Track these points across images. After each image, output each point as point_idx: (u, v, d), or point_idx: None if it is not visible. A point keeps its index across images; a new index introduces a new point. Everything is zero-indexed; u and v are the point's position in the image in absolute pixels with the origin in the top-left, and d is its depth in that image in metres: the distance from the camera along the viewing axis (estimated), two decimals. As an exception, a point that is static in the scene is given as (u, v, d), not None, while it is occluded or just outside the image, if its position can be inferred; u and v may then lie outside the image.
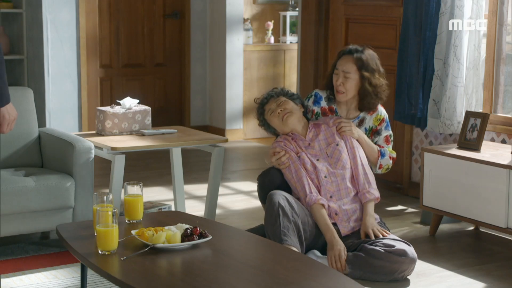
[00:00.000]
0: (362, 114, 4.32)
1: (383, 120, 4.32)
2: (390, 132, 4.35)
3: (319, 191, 4.08)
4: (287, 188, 4.16)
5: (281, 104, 4.24)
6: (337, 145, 4.17)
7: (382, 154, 4.26)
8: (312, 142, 4.19)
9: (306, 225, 3.98)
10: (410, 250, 3.89)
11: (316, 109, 4.36)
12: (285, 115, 4.20)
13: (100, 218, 3.05)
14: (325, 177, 4.12)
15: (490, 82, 5.09)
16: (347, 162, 4.15)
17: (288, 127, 4.22)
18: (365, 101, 4.26)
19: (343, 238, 4.04)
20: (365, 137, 4.25)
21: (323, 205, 4.03)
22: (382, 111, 4.34)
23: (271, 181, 4.18)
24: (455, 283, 3.96)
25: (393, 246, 3.87)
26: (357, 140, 4.21)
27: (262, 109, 4.34)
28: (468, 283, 3.96)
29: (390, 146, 4.33)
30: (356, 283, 2.86)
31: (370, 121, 4.31)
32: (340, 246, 3.92)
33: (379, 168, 4.27)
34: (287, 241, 3.82)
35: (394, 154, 4.32)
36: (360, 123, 4.31)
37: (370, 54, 4.28)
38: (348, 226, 4.06)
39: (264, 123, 4.36)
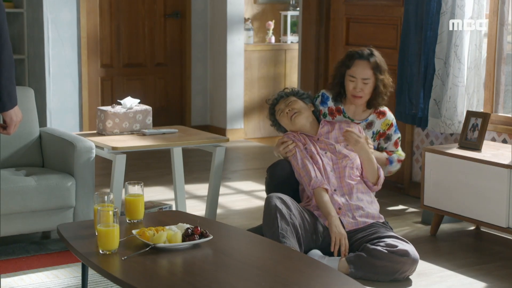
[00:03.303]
0: (370, 117, 4.36)
1: (391, 125, 4.37)
2: (399, 134, 4.41)
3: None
4: (296, 180, 4.21)
5: (289, 104, 4.31)
6: (347, 145, 4.22)
7: (390, 162, 4.31)
8: (321, 137, 4.24)
9: (302, 228, 3.98)
10: (412, 251, 3.88)
11: (323, 109, 4.41)
12: (293, 115, 4.27)
13: (101, 218, 3.06)
14: (331, 171, 4.16)
15: (491, 82, 5.09)
16: (355, 160, 4.18)
17: (295, 126, 4.28)
18: (376, 101, 4.33)
19: (348, 234, 4.04)
20: (371, 154, 4.20)
21: (326, 190, 4.06)
22: (390, 115, 4.39)
23: (281, 173, 4.22)
24: (455, 283, 3.96)
25: (396, 246, 3.87)
26: (364, 157, 4.19)
27: (273, 109, 4.41)
28: (468, 283, 3.96)
29: (399, 148, 4.38)
30: (357, 283, 2.86)
31: (378, 125, 4.36)
32: (340, 232, 3.95)
33: (388, 173, 4.36)
34: (286, 243, 3.82)
35: (402, 157, 4.38)
36: (369, 126, 4.35)
37: (378, 55, 4.36)
38: (352, 222, 4.07)
39: (275, 123, 4.43)
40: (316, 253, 4.00)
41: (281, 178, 4.22)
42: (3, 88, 3.14)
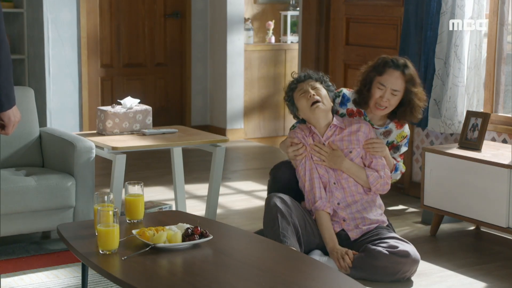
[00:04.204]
0: (390, 125, 4.22)
1: (405, 137, 4.26)
2: (407, 148, 4.33)
3: (328, 198, 4.08)
4: (297, 184, 4.15)
5: (316, 89, 4.08)
6: (350, 152, 4.10)
7: (396, 169, 4.23)
8: (327, 141, 4.09)
9: (303, 228, 3.98)
10: (413, 251, 3.87)
11: (341, 110, 4.22)
12: (315, 103, 4.03)
13: (101, 218, 3.06)
14: (334, 183, 4.09)
15: (491, 82, 5.09)
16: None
17: (313, 115, 4.06)
18: (412, 114, 4.14)
19: (353, 243, 4.03)
20: (388, 153, 4.19)
21: (329, 214, 4.03)
22: (407, 128, 4.26)
23: (284, 176, 4.15)
24: (455, 283, 3.96)
25: (397, 247, 3.85)
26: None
27: (295, 85, 4.15)
28: (468, 283, 3.96)
29: (402, 160, 4.30)
30: (357, 283, 2.86)
31: (394, 135, 4.23)
32: (343, 249, 3.93)
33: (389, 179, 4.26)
34: (286, 242, 3.81)
35: (404, 169, 4.29)
36: (386, 135, 4.23)
37: (412, 67, 4.16)
38: (357, 231, 4.04)
39: (290, 99, 4.16)
40: (317, 253, 3.99)
41: (285, 181, 4.15)
42: (1, 89, 3.14)
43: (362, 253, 3.91)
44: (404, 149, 4.29)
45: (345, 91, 4.27)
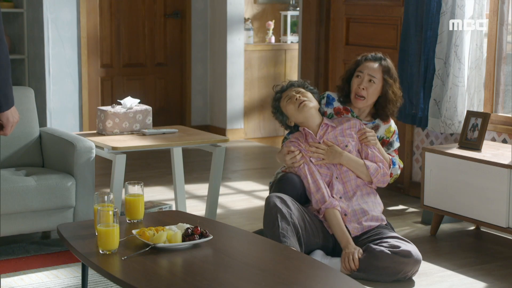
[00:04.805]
0: (377, 121, 4.29)
1: (394, 132, 4.31)
2: (399, 144, 4.36)
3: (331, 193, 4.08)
4: (300, 196, 4.12)
5: (300, 93, 4.17)
6: (346, 146, 4.14)
7: (393, 163, 4.24)
8: (322, 140, 4.14)
9: (303, 228, 3.97)
10: (415, 251, 3.87)
11: (329, 110, 4.30)
12: (302, 103, 4.12)
13: (101, 218, 3.06)
14: (336, 178, 4.11)
15: (491, 82, 5.09)
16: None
17: (303, 115, 4.14)
18: (386, 109, 4.22)
19: (354, 240, 4.02)
20: (381, 147, 4.23)
21: (339, 211, 4.04)
22: (393, 123, 4.32)
23: (292, 189, 4.08)
24: (456, 283, 3.96)
25: (399, 247, 3.86)
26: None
27: (279, 95, 4.25)
28: (469, 283, 3.96)
29: (397, 156, 4.32)
30: (357, 283, 2.86)
31: (382, 131, 4.29)
32: (355, 248, 3.92)
33: (390, 176, 4.25)
34: (286, 242, 3.81)
35: (401, 164, 4.31)
36: (375, 130, 4.28)
37: (391, 63, 4.28)
38: (358, 227, 4.05)
39: (277, 110, 4.25)
40: (319, 253, 3.99)
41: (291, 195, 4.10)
42: (0, 89, 3.14)
43: (363, 253, 3.90)
44: (396, 144, 4.33)
45: (329, 93, 4.36)
